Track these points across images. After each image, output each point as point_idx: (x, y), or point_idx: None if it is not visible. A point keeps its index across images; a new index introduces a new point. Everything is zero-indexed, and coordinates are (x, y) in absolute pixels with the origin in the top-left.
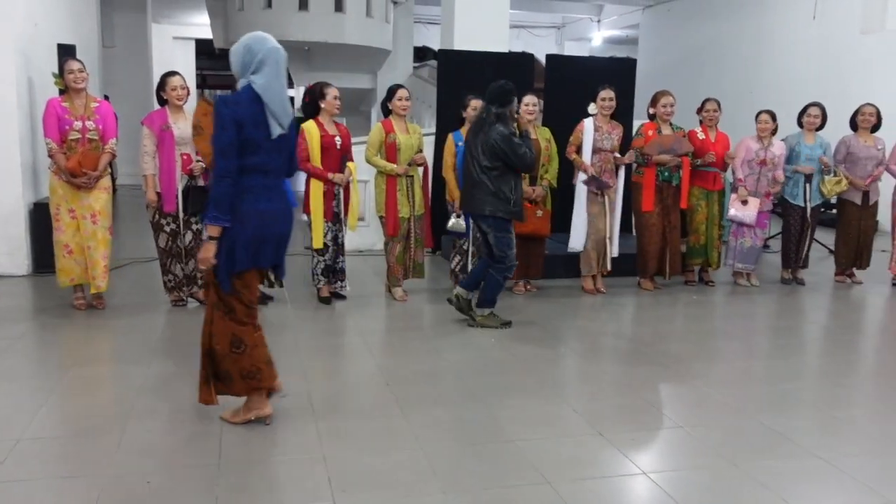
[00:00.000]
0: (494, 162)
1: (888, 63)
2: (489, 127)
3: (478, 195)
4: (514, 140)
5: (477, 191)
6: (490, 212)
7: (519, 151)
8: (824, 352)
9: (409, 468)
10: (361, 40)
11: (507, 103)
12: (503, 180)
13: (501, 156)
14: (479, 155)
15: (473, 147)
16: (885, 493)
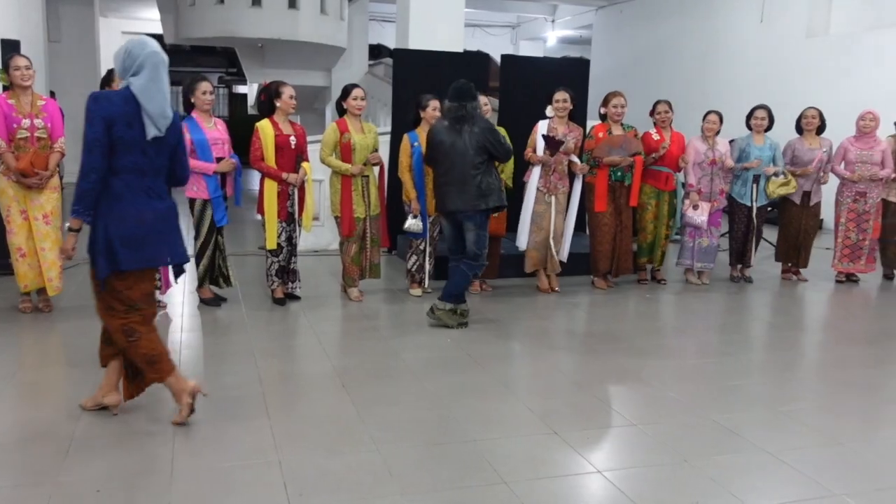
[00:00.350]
0: (482, 156)
1: (832, 67)
2: (472, 123)
3: (469, 192)
4: (496, 132)
5: (468, 188)
6: (483, 207)
7: (504, 142)
8: (771, 348)
9: (367, 470)
10: (315, 38)
11: (476, 98)
12: (489, 173)
13: (489, 147)
14: (469, 152)
15: (457, 145)
16: (828, 484)
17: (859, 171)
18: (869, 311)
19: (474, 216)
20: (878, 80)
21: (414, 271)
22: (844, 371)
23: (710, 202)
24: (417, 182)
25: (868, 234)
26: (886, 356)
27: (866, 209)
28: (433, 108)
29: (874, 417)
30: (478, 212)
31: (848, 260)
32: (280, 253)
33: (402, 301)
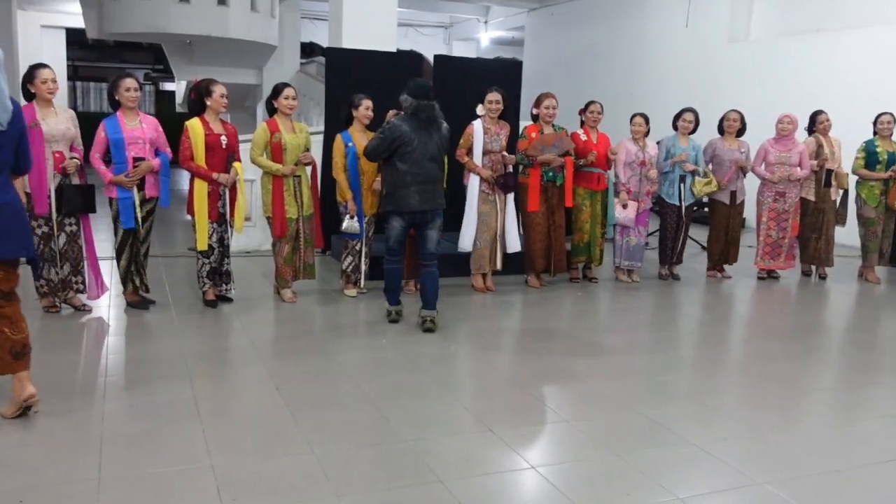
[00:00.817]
0: (444, 157)
1: (753, 70)
2: (439, 123)
3: (437, 191)
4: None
5: (438, 187)
6: (442, 205)
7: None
8: (698, 344)
9: (301, 472)
10: (246, 35)
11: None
12: (443, 174)
13: (446, 150)
14: (437, 152)
15: (427, 144)
16: (751, 474)
17: (778, 171)
18: (789, 307)
19: (440, 215)
20: (796, 83)
21: (349, 272)
22: (766, 365)
23: (637, 202)
24: (353, 182)
25: (788, 232)
26: (805, 350)
27: (786, 208)
28: (366, 107)
29: (793, 409)
30: (441, 211)
31: (769, 257)
32: (211, 254)
33: (336, 302)
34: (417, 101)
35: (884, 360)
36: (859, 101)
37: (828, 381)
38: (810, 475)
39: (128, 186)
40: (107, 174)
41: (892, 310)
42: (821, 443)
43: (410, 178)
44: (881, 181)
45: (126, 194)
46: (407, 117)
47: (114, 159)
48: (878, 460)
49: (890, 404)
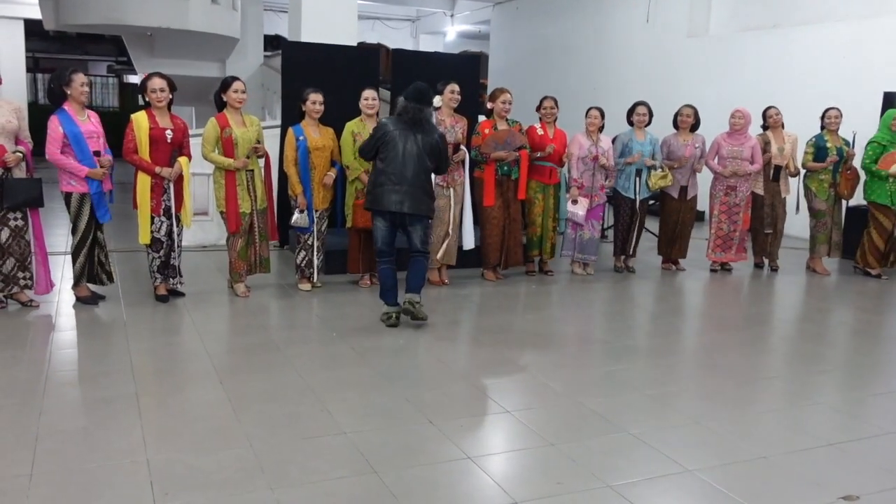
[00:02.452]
0: (433, 163)
1: (711, 66)
2: (429, 127)
3: (420, 196)
4: (445, 142)
5: (419, 192)
6: (428, 211)
7: (446, 155)
8: (648, 335)
9: (237, 466)
10: (207, 27)
11: (431, 103)
12: (430, 180)
13: (438, 157)
14: (422, 156)
15: (410, 148)
16: (683, 462)
17: (731, 166)
18: (739, 299)
19: (423, 219)
20: (753, 78)
21: (303, 266)
22: (712, 355)
23: (589, 197)
24: (303, 176)
25: (739, 225)
26: (750, 340)
27: (737, 202)
28: (313, 101)
29: (733, 398)
30: (424, 216)
31: (721, 250)
32: (161, 248)
33: (290, 296)
34: (409, 103)
35: (826, 351)
36: (813, 95)
37: (770, 370)
38: (739, 462)
39: (100, 178)
40: (81, 168)
41: (838, 300)
42: (754, 430)
43: (385, 178)
44: (830, 174)
45: (99, 188)
46: (394, 118)
47: (76, 154)
48: (804, 447)
49: (825, 392)
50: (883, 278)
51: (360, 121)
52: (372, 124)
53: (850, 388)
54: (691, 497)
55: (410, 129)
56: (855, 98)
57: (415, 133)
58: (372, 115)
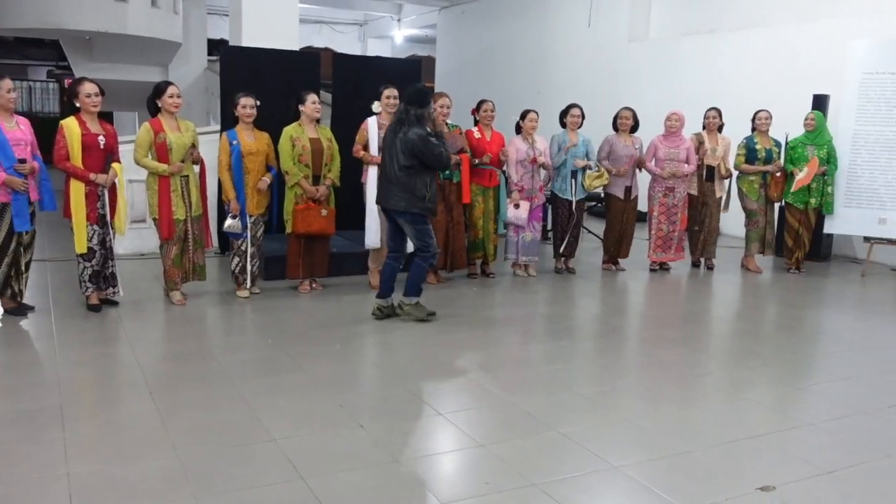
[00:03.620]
0: (411, 160)
1: (651, 69)
2: (408, 127)
3: (394, 192)
4: (430, 140)
5: (394, 188)
6: (404, 208)
7: (435, 151)
8: (586, 334)
9: (162, 476)
10: (147, 31)
11: (426, 104)
12: (419, 178)
13: (419, 155)
14: (398, 154)
15: (392, 146)
16: (610, 458)
17: (668, 167)
18: (676, 297)
19: (403, 215)
20: (691, 81)
21: (237, 273)
22: (647, 354)
23: (529, 199)
24: (236, 181)
25: (677, 225)
26: (684, 339)
27: (675, 202)
28: (243, 105)
29: (663, 395)
30: (401, 212)
31: (661, 250)
32: (93, 257)
33: (227, 304)
34: (400, 105)
35: (755, 347)
36: (748, 97)
37: (702, 367)
38: (664, 457)
39: (22, 188)
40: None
41: (769, 297)
42: (681, 426)
43: (380, 175)
44: (760, 175)
45: (20, 195)
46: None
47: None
48: (727, 441)
49: (752, 388)
50: (790, 272)
51: (298, 125)
52: (312, 129)
53: (776, 383)
54: (614, 493)
55: (395, 129)
56: (787, 100)
57: (397, 133)
58: (314, 120)
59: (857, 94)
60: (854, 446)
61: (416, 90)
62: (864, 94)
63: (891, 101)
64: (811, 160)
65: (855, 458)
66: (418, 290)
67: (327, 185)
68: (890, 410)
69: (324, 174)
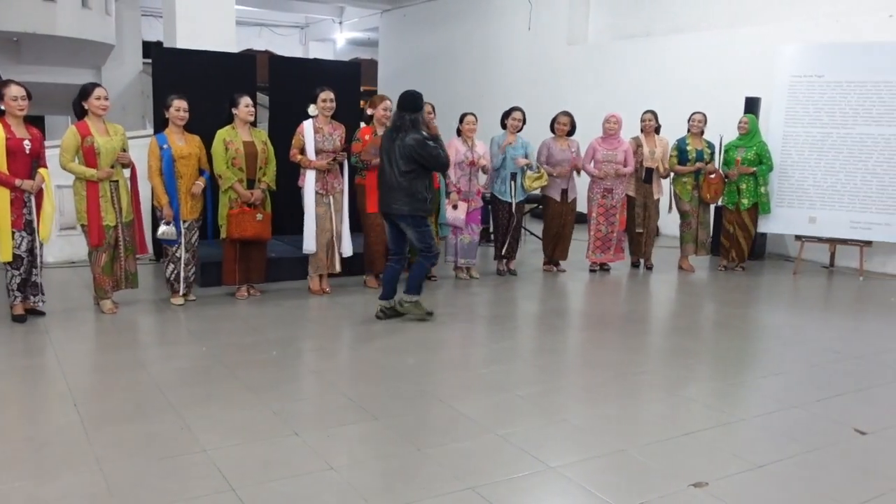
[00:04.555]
0: (411, 165)
1: (590, 72)
2: (405, 133)
3: (396, 197)
4: (428, 144)
5: (395, 193)
6: (407, 212)
7: (434, 153)
8: (526, 336)
9: (84, 492)
10: (77, 33)
11: (419, 109)
12: (419, 182)
13: (417, 159)
14: (398, 160)
15: (390, 152)
16: (547, 459)
17: (605, 169)
18: (615, 298)
19: (405, 218)
20: (629, 84)
21: (172, 280)
22: (585, 354)
23: (467, 201)
24: (168, 186)
25: (616, 226)
26: (622, 338)
27: (613, 204)
28: (176, 108)
29: (600, 394)
30: (404, 216)
31: (600, 251)
32: (21, 265)
33: (161, 311)
34: (395, 111)
35: (690, 345)
36: (684, 100)
37: (638, 366)
38: (599, 456)
39: None
40: None
41: (706, 297)
42: (616, 424)
43: (380, 181)
44: (692, 177)
45: None
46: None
47: None
48: (662, 438)
49: (687, 385)
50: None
51: (231, 128)
52: (245, 132)
53: (711, 380)
54: (550, 494)
55: (392, 135)
56: (721, 103)
57: (394, 139)
58: (248, 123)
59: (786, 97)
60: (784, 440)
61: (410, 96)
62: (793, 97)
63: (818, 103)
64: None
65: (784, 451)
66: (419, 289)
67: (262, 188)
68: (819, 404)
69: (258, 178)
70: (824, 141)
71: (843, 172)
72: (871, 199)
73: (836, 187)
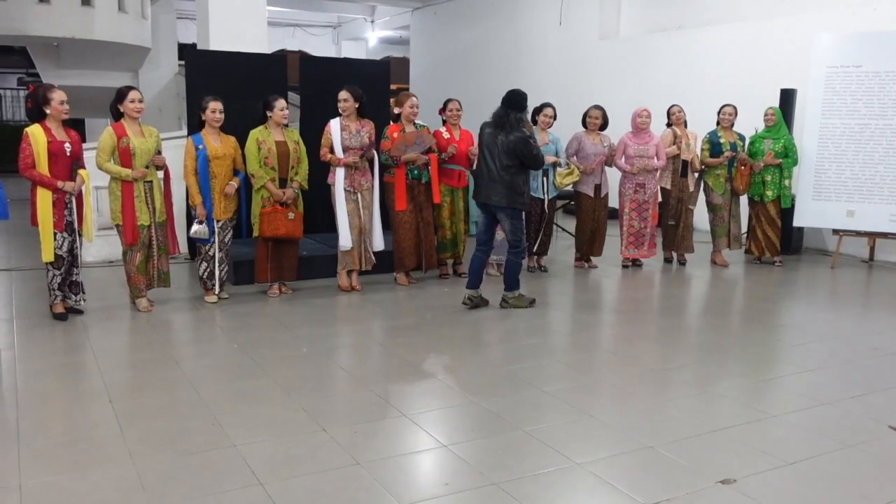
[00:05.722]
0: (512, 160)
1: (622, 66)
2: (510, 130)
3: (497, 189)
4: (531, 143)
5: (496, 185)
6: (507, 203)
7: (534, 153)
8: (555, 332)
9: (116, 486)
10: (115, 37)
11: (524, 108)
12: (519, 176)
13: (519, 155)
14: (500, 154)
15: (493, 146)
16: (573, 456)
17: (637, 164)
18: (648, 293)
19: (504, 210)
20: (662, 77)
21: (205, 278)
22: (615, 351)
23: None
24: (203, 186)
25: (648, 221)
26: (653, 334)
27: (646, 199)
28: (212, 109)
29: (628, 391)
30: (503, 207)
31: (633, 247)
32: (62, 265)
33: (195, 309)
34: (498, 109)
35: (722, 341)
36: (716, 93)
37: (669, 362)
38: (625, 453)
39: None
40: None
41: (739, 291)
42: (644, 421)
43: (478, 173)
44: (726, 169)
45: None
46: (489, 122)
47: None
48: (689, 435)
49: (717, 381)
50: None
51: (264, 128)
52: (278, 132)
53: (742, 376)
54: (576, 490)
55: (494, 132)
56: (754, 95)
57: (496, 136)
58: (282, 124)
59: (822, 88)
60: (815, 437)
61: (517, 95)
62: (830, 88)
63: (855, 93)
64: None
65: (815, 448)
66: (517, 284)
67: (294, 188)
68: (851, 401)
69: (290, 177)
70: (862, 132)
71: (883, 164)
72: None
73: (874, 179)
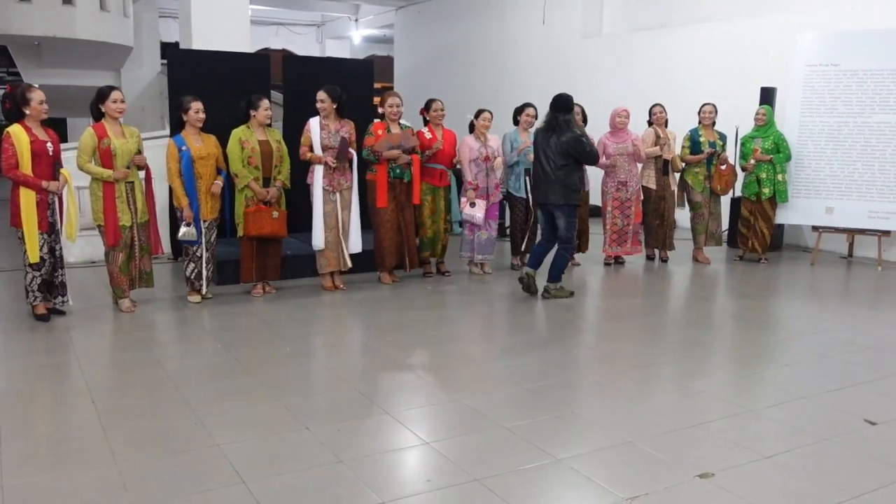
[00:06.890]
0: (566, 160)
1: (605, 65)
2: (560, 131)
3: (553, 189)
4: (584, 140)
5: (553, 185)
6: (563, 201)
7: (588, 149)
8: (537, 329)
9: (99, 486)
10: (96, 35)
11: (571, 110)
12: (573, 174)
13: (573, 154)
14: (554, 155)
15: (546, 149)
16: (554, 451)
17: (616, 160)
18: (630, 290)
19: (561, 206)
20: (644, 76)
21: (192, 278)
22: (596, 347)
23: (486, 197)
24: (188, 187)
25: (631, 219)
26: (635, 330)
27: (628, 196)
28: (195, 109)
29: (610, 387)
30: (563, 204)
31: (616, 244)
32: (43, 266)
33: (179, 309)
34: (548, 112)
35: (703, 337)
36: (698, 92)
37: (650, 358)
38: (606, 448)
39: None
40: None
41: (721, 288)
42: (624, 416)
43: (535, 176)
44: (705, 167)
45: None
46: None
47: None
48: (669, 429)
49: (698, 376)
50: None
51: (246, 128)
52: (261, 131)
53: (722, 371)
54: (556, 485)
55: (546, 135)
56: (736, 93)
57: (548, 138)
58: (265, 124)
59: (802, 87)
60: (792, 431)
61: (563, 99)
62: (809, 87)
63: (834, 92)
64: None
65: (792, 442)
66: (560, 276)
67: (278, 186)
68: (829, 395)
69: (273, 176)
70: (840, 130)
71: (860, 162)
72: (888, 188)
73: (853, 177)
